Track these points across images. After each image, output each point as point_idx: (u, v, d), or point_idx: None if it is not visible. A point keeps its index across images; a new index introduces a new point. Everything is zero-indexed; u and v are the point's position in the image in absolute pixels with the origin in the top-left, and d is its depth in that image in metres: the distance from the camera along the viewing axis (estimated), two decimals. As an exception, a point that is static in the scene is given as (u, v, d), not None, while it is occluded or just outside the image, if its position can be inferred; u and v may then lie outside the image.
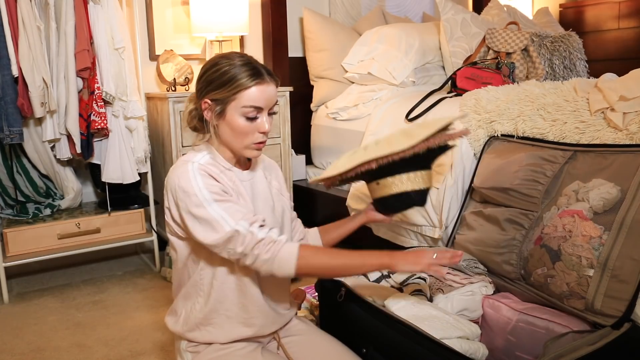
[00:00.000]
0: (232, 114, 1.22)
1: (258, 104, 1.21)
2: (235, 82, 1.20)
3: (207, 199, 1.16)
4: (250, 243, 1.16)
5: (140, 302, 2.25)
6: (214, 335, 1.30)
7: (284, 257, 1.17)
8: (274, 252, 1.17)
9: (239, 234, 1.15)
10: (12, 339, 1.96)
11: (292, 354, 1.35)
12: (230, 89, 1.20)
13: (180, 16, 2.87)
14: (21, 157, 2.52)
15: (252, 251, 1.16)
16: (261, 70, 1.22)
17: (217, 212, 1.16)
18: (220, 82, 1.22)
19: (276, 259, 1.17)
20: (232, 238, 1.16)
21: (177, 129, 2.48)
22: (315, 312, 1.78)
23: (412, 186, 1.37)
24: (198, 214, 1.16)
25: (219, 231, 1.15)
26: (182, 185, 1.18)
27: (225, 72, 1.21)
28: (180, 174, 1.19)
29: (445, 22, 2.74)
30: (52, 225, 2.40)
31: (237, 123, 1.22)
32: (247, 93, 1.20)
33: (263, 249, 1.16)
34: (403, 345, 1.26)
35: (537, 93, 1.84)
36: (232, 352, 1.29)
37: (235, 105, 1.21)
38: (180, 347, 1.35)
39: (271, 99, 1.23)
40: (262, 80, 1.21)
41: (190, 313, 1.30)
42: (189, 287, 1.31)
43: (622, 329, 1.21)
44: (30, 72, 2.16)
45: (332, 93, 2.88)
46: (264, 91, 1.21)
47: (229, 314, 1.28)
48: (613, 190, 1.40)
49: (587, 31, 3.90)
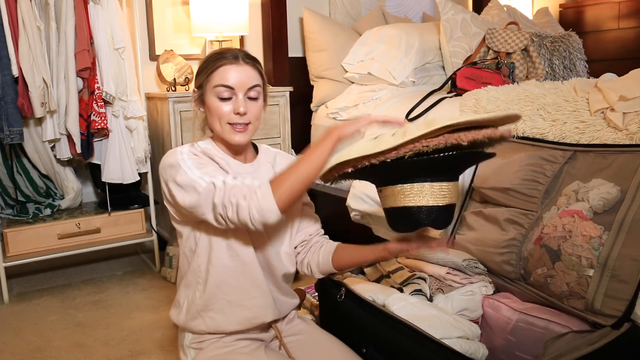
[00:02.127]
0: (209, 97, 1.27)
1: (226, 83, 1.24)
2: (208, 65, 1.27)
3: (189, 167, 1.20)
4: (226, 193, 1.14)
5: (140, 302, 2.25)
6: (216, 321, 1.30)
7: (260, 195, 1.13)
8: (250, 196, 1.13)
9: (214, 187, 1.16)
10: (12, 339, 1.96)
11: (293, 353, 1.36)
12: (204, 73, 1.28)
13: (180, 16, 2.87)
14: (21, 157, 2.52)
15: (229, 199, 1.14)
16: (233, 52, 1.27)
17: (196, 174, 1.19)
18: (199, 68, 1.30)
19: (257, 203, 1.12)
20: (209, 194, 1.16)
21: (177, 129, 2.48)
22: (315, 312, 1.79)
23: (433, 200, 1.08)
24: (180, 181, 1.20)
25: (197, 190, 1.17)
26: (169, 162, 1.22)
27: (204, 60, 1.30)
28: (167, 155, 1.25)
29: (445, 22, 2.74)
30: (52, 225, 2.40)
31: (212, 104, 1.27)
32: (217, 73, 1.25)
33: (239, 194, 1.13)
34: (403, 345, 1.26)
35: (537, 93, 1.84)
36: (236, 349, 1.30)
37: (209, 87, 1.26)
38: (184, 343, 1.35)
39: (243, 79, 1.25)
40: (232, 61, 1.25)
41: (192, 302, 1.32)
42: (189, 275, 1.33)
43: (622, 329, 1.21)
44: (30, 72, 2.16)
45: (332, 93, 2.88)
46: (236, 70, 1.25)
47: (229, 297, 1.29)
48: (613, 190, 1.40)
49: (587, 31, 3.90)
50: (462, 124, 1.03)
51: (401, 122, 1.15)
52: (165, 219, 2.72)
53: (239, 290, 1.29)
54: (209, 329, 1.31)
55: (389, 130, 1.13)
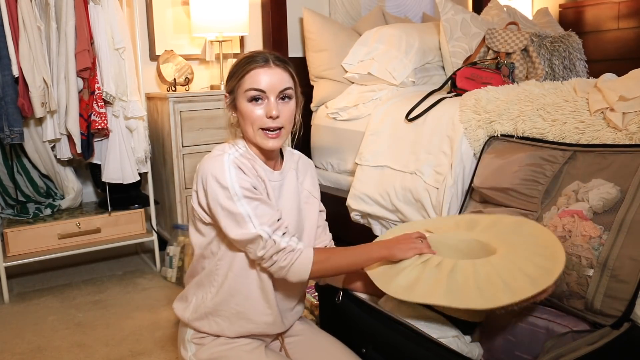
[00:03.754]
0: (241, 101, 1.26)
1: (258, 86, 1.24)
2: (239, 69, 1.26)
3: (238, 194, 1.19)
4: (270, 250, 1.20)
5: (140, 302, 2.25)
6: (221, 327, 1.31)
7: (300, 264, 1.22)
8: (291, 260, 1.21)
9: (261, 239, 1.19)
10: (12, 339, 1.96)
11: (293, 354, 1.36)
12: (235, 77, 1.27)
13: (180, 16, 2.87)
14: (22, 157, 2.52)
15: (271, 258, 1.21)
16: (264, 55, 1.26)
17: (244, 209, 1.19)
18: (230, 73, 1.30)
19: (292, 267, 1.22)
20: (254, 240, 1.20)
21: (177, 129, 2.48)
22: (315, 312, 1.79)
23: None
24: (226, 207, 1.19)
25: (242, 228, 1.19)
26: (215, 175, 1.21)
27: (235, 64, 1.29)
28: (214, 163, 1.23)
29: (445, 22, 2.74)
30: (52, 225, 2.40)
31: (244, 108, 1.26)
32: (248, 76, 1.25)
33: (281, 257, 1.21)
34: (402, 345, 1.26)
35: (537, 93, 1.84)
36: (237, 346, 1.30)
37: (241, 91, 1.26)
38: (185, 338, 1.35)
39: (274, 82, 1.25)
40: (263, 64, 1.24)
41: (201, 301, 1.32)
42: (203, 276, 1.33)
43: (621, 329, 1.22)
44: (30, 72, 2.16)
45: (332, 93, 2.88)
46: (267, 73, 1.24)
47: (239, 308, 1.30)
48: (613, 190, 1.40)
49: (586, 31, 3.90)
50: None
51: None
52: (165, 219, 2.73)
53: (250, 303, 1.30)
54: (211, 331, 1.32)
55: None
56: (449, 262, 1.24)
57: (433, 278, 1.21)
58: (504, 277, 1.16)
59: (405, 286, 1.22)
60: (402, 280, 1.24)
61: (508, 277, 1.16)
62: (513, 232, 1.37)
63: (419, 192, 2.08)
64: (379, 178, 2.27)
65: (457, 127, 2.01)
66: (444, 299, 1.15)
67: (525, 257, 1.23)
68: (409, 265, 1.27)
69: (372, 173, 2.31)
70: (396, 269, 1.28)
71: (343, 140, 2.70)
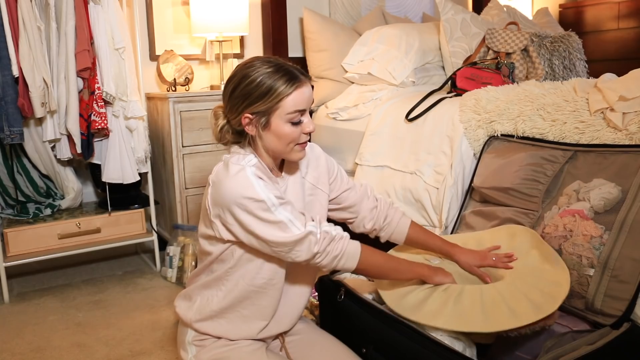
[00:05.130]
0: (278, 123, 1.21)
1: (301, 107, 1.21)
2: (276, 92, 1.18)
3: (275, 204, 1.18)
4: (324, 242, 1.21)
5: (140, 302, 2.25)
6: (224, 328, 1.31)
7: (350, 254, 1.24)
8: (342, 248, 1.23)
9: (312, 235, 1.19)
10: (12, 339, 1.96)
11: (293, 354, 1.36)
12: (271, 99, 1.19)
13: (180, 16, 2.87)
14: (22, 157, 2.52)
15: (325, 250, 1.21)
16: (295, 73, 1.21)
17: (285, 216, 1.19)
18: (259, 94, 1.19)
19: (344, 255, 1.24)
20: (304, 239, 1.19)
21: (177, 129, 2.48)
22: (315, 312, 1.79)
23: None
24: (266, 218, 1.18)
25: (287, 232, 1.18)
26: (246, 193, 1.17)
27: (261, 83, 1.19)
28: (240, 182, 1.18)
29: (445, 23, 2.74)
30: (52, 225, 2.40)
31: (283, 130, 1.22)
32: (290, 99, 1.19)
33: (333, 246, 1.22)
34: (403, 344, 1.26)
35: (537, 93, 1.84)
36: (238, 348, 1.30)
37: (280, 113, 1.20)
38: (185, 339, 1.35)
39: (310, 97, 1.24)
40: (300, 83, 1.21)
41: (206, 303, 1.31)
42: (211, 279, 1.32)
43: (621, 329, 1.22)
44: (30, 72, 2.16)
45: (332, 93, 2.88)
46: (303, 93, 1.21)
47: (245, 312, 1.30)
48: (614, 190, 1.40)
49: (586, 31, 3.90)
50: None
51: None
52: (165, 219, 2.73)
53: (256, 308, 1.30)
54: (215, 333, 1.32)
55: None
56: (457, 286, 1.31)
57: (440, 300, 1.27)
58: (510, 302, 1.21)
59: (412, 305, 1.28)
60: (410, 299, 1.31)
61: (513, 303, 1.21)
62: (519, 256, 1.42)
63: (419, 192, 2.08)
64: (379, 178, 2.27)
65: (457, 127, 2.01)
66: (449, 323, 1.21)
67: (531, 284, 1.28)
68: (417, 287, 1.34)
69: (372, 173, 2.31)
70: (406, 289, 1.35)
71: (343, 140, 2.70)
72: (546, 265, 1.35)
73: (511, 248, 1.46)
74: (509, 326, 1.16)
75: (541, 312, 1.18)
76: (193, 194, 2.55)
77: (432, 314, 1.24)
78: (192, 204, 2.56)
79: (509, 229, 1.55)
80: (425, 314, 1.25)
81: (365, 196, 1.50)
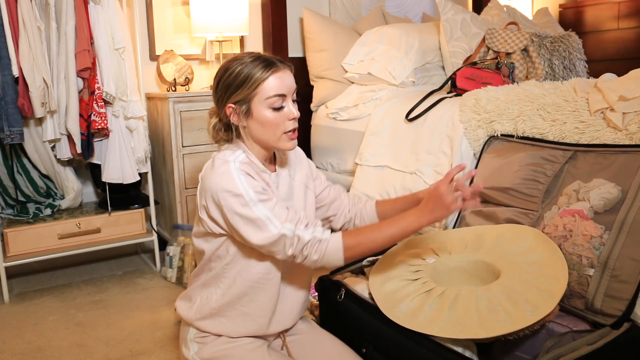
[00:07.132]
0: (259, 109, 1.23)
1: (281, 92, 1.23)
2: (252, 77, 1.21)
3: (253, 199, 1.18)
4: (298, 246, 1.19)
5: (140, 302, 2.25)
6: (225, 327, 1.31)
7: (331, 253, 1.22)
8: (322, 251, 1.21)
9: (286, 237, 1.18)
10: (12, 339, 1.96)
11: (294, 353, 1.37)
12: (249, 86, 1.22)
13: (180, 16, 2.87)
14: (22, 157, 2.52)
15: (301, 252, 1.20)
16: (272, 60, 1.24)
17: (262, 213, 1.18)
18: (237, 82, 1.23)
19: (324, 257, 1.22)
20: (279, 241, 1.19)
21: (177, 129, 2.48)
22: (315, 312, 1.79)
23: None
24: (244, 214, 1.18)
25: (264, 232, 1.18)
26: (226, 186, 1.18)
27: (240, 72, 1.23)
28: (221, 175, 1.20)
29: (445, 22, 2.74)
30: (52, 225, 2.40)
31: (265, 116, 1.23)
32: (267, 84, 1.22)
33: (311, 250, 1.20)
34: (403, 344, 1.26)
35: (537, 93, 1.84)
36: (239, 345, 1.31)
37: (259, 99, 1.22)
38: (187, 337, 1.36)
39: (290, 84, 1.25)
40: (277, 68, 1.23)
41: (206, 302, 1.32)
42: (210, 277, 1.33)
43: (621, 329, 1.22)
44: (30, 72, 2.16)
45: (332, 93, 2.88)
46: (282, 77, 1.23)
47: (245, 309, 1.30)
48: (614, 190, 1.40)
49: (586, 31, 3.90)
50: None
51: (459, 169, 1.31)
52: (165, 219, 2.73)
53: (256, 304, 1.30)
54: (215, 331, 1.32)
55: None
56: (452, 291, 1.29)
57: (435, 307, 1.26)
58: (505, 306, 1.20)
59: (407, 313, 1.27)
60: (405, 307, 1.29)
61: (509, 306, 1.20)
62: (517, 251, 1.41)
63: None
64: (379, 178, 2.27)
65: (457, 127, 2.01)
66: (444, 331, 1.20)
67: (527, 281, 1.27)
68: (412, 292, 1.32)
69: (372, 173, 2.31)
70: (400, 295, 1.33)
71: (343, 141, 2.70)
72: (546, 260, 1.34)
73: (513, 245, 1.45)
74: (506, 331, 1.16)
75: (538, 313, 1.17)
76: (193, 194, 2.56)
77: (428, 321, 1.23)
78: (192, 204, 2.56)
79: (512, 226, 1.54)
80: (421, 322, 1.24)
81: (340, 193, 1.53)
